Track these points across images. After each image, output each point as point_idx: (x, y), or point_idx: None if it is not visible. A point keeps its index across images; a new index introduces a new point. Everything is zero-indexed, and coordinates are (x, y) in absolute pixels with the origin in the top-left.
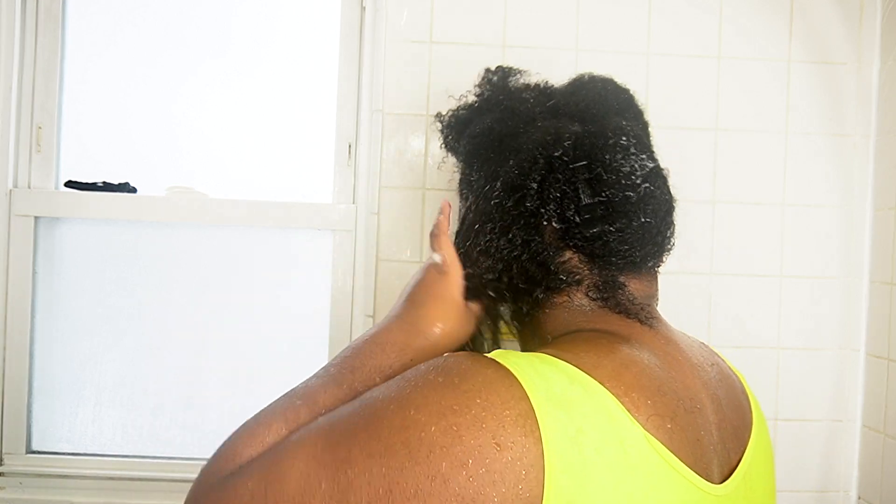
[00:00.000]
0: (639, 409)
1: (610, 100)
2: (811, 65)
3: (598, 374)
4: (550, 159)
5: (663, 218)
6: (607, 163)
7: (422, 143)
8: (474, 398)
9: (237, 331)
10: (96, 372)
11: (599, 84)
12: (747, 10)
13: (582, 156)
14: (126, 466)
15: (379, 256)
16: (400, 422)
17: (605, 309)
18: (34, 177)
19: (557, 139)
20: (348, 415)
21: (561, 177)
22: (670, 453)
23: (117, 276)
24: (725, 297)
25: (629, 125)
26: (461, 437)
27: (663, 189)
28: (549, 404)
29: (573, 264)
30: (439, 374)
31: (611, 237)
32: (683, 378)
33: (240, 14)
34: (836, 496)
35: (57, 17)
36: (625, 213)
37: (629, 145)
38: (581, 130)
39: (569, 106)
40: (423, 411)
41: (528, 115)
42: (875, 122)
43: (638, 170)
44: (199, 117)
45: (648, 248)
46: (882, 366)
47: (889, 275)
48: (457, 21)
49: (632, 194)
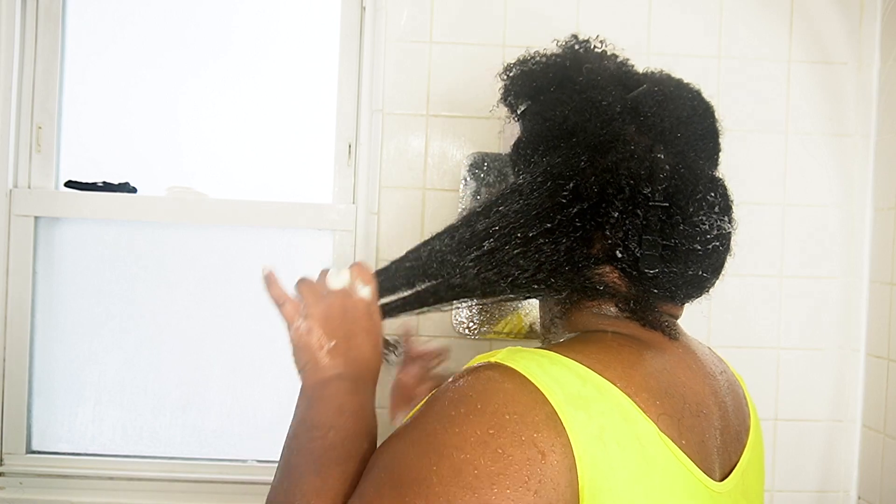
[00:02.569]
0: (649, 409)
1: (696, 123)
2: (811, 65)
3: (609, 375)
4: (636, 193)
5: (716, 270)
6: (689, 214)
7: (422, 143)
8: (503, 415)
9: (237, 331)
10: (96, 372)
11: (689, 100)
12: (747, 10)
13: (667, 198)
14: (126, 466)
15: (379, 256)
16: (449, 470)
17: (630, 319)
18: (34, 177)
19: (651, 177)
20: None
21: (640, 213)
22: (680, 451)
23: (117, 276)
24: (725, 297)
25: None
26: (511, 456)
27: (727, 246)
28: (569, 405)
29: (611, 279)
30: (459, 406)
31: (664, 277)
32: (693, 384)
33: (240, 14)
34: (836, 496)
35: (57, 17)
36: (685, 262)
37: (715, 203)
38: (672, 169)
39: (654, 118)
40: (465, 450)
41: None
42: (875, 122)
43: (715, 230)
44: (199, 117)
45: (693, 291)
46: (882, 366)
47: (889, 275)
48: (457, 21)
49: (699, 249)
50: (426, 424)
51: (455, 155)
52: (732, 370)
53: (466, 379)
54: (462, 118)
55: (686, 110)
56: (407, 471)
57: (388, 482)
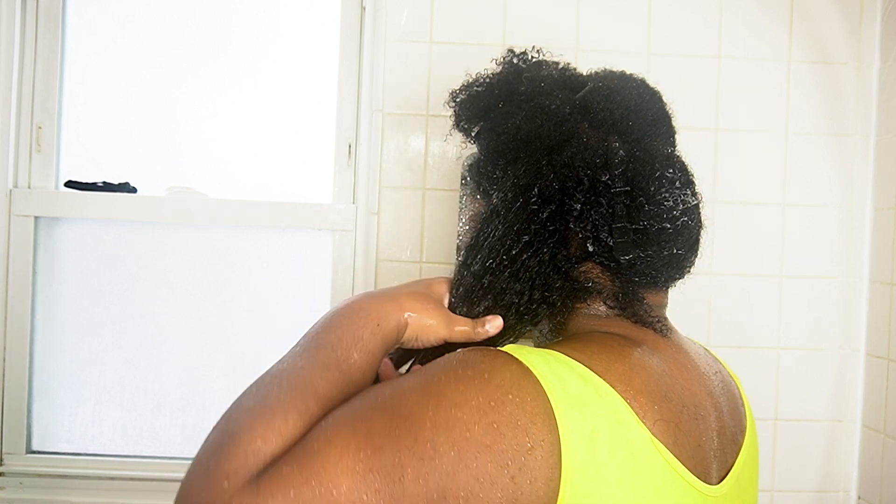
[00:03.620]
0: (646, 414)
1: (645, 109)
2: (811, 65)
3: (610, 377)
4: (596, 182)
5: (692, 246)
6: (651, 194)
7: (422, 143)
8: (507, 394)
9: (237, 331)
10: (96, 372)
11: (634, 90)
12: (747, 10)
13: (627, 182)
14: (126, 466)
15: (379, 256)
16: (443, 421)
17: (621, 317)
18: (34, 177)
19: (606, 164)
20: (381, 413)
21: (604, 201)
22: (674, 457)
23: (117, 275)
24: (725, 297)
25: (677, 156)
26: (503, 435)
27: (697, 220)
28: (566, 404)
29: (594, 275)
30: (467, 369)
31: (640, 262)
32: (690, 386)
33: (240, 14)
34: (836, 496)
35: (57, 17)
36: (658, 243)
37: (675, 179)
38: (627, 154)
39: (604, 113)
40: (464, 409)
41: (559, 115)
42: (875, 122)
43: (680, 205)
44: (199, 117)
45: (673, 272)
46: (882, 366)
47: (889, 275)
48: (457, 21)
49: (669, 226)
50: (434, 373)
51: (455, 155)
52: (728, 370)
53: (479, 350)
54: None
55: (634, 100)
56: (404, 404)
57: (383, 407)
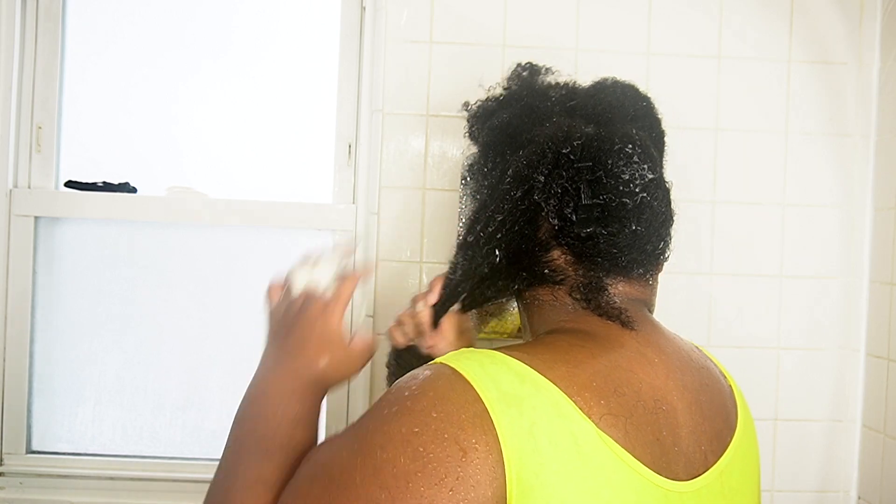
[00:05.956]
0: (591, 408)
1: (627, 106)
2: (811, 65)
3: (552, 375)
4: (558, 155)
5: (657, 229)
6: (609, 167)
7: (422, 143)
8: (430, 413)
9: (237, 331)
10: (96, 372)
11: (619, 90)
12: (747, 10)
13: (587, 157)
14: (126, 466)
15: (379, 256)
16: (371, 469)
17: (586, 310)
18: (34, 177)
19: (567, 137)
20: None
21: (565, 174)
22: (624, 450)
23: (117, 275)
24: (725, 297)
25: (639, 134)
26: (430, 454)
27: (662, 201)
28: (501, 402)
29: (559, 263)
30: (392, 405)
31: (601, 239)
32: (652, 380)
33: (240, 14)
34: (836, 496)
35: (57, 17)
36: (618, 219)
37: (633, 153)
38: (592, 132)
39: (586, 108)
40: (388, 448)
41: (546, 112)
42: (875, 122)
43: (637, 179)
44: (198, 117)
45: (636, 255)
46: (882, 366)
47: (889, 275)
48: (457, 21)
49: (628, 201)
50: (364, 423)
51: (455, 155)
52: (721, 368)
53: (407, 379)
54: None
55: (616, 97)
56: (336, 466)
57: (318, 476)
